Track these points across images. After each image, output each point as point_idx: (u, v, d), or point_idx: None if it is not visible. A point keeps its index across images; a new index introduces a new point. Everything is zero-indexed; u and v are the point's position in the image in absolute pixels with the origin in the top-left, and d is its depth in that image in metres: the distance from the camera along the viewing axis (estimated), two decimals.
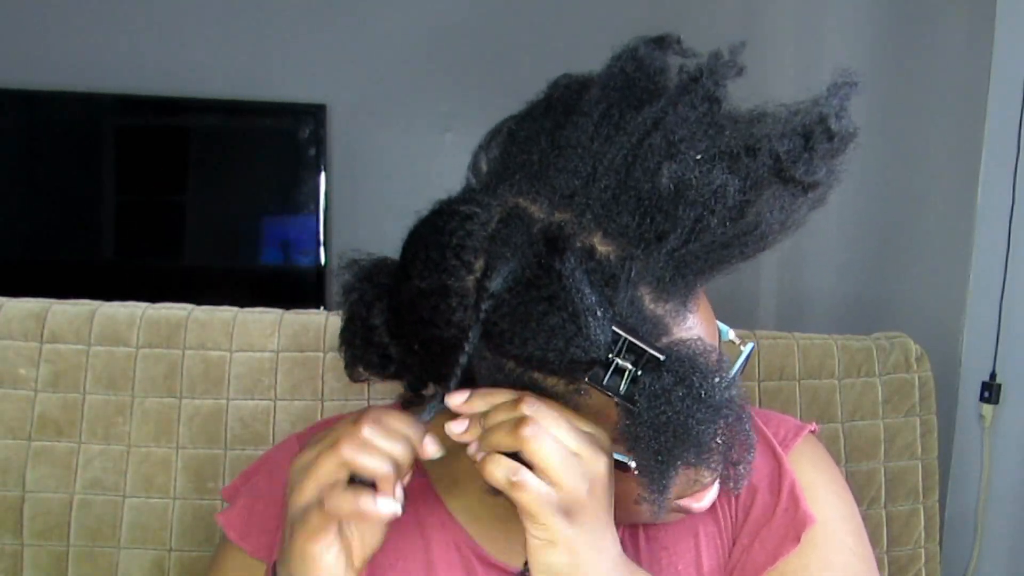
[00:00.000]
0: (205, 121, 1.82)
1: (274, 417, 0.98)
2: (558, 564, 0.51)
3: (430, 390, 0.67)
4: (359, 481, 0.50)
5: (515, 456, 0.50)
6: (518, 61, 1.78)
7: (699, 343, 0.51)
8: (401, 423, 0.52)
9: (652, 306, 0.51)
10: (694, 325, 0.53)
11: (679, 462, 0.51)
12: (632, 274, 0.50)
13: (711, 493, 0.62)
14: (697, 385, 0.49)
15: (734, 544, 0.68)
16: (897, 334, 1.12)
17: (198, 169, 1.83)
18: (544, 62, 1.83)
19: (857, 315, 1.80)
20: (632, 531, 0.67)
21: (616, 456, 0.53)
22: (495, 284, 0.50)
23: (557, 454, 0.49)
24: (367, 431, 0.50)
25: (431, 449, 0.52)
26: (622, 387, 0.49)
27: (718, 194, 0.49)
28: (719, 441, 0.51)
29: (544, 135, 0.54)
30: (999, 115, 1.72)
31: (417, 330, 0.56)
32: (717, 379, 0.50)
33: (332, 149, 1.81)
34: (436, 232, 0.54)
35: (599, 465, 0.51)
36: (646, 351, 0.49)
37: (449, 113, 1.82)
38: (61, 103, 1.76)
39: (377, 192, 1.79)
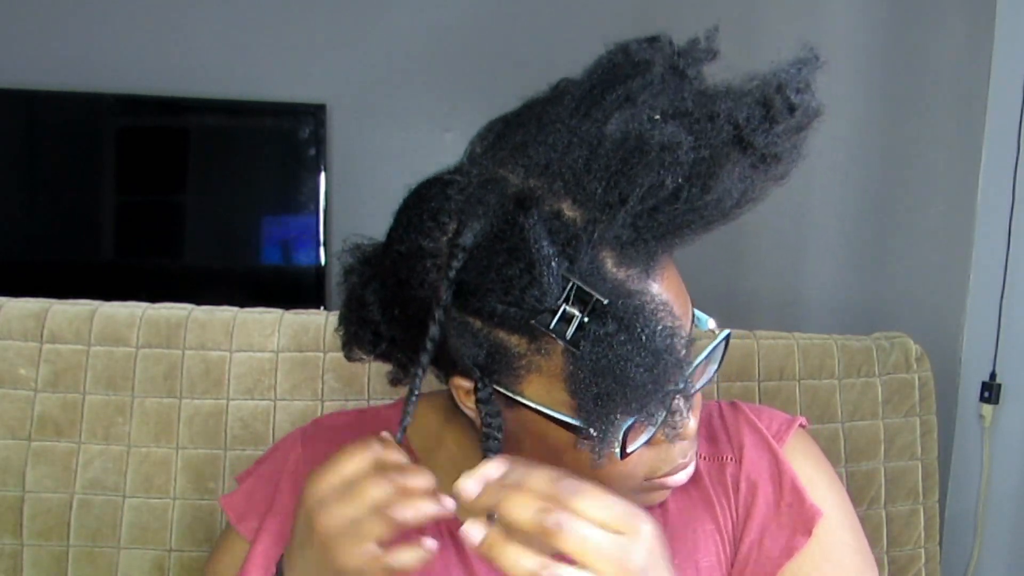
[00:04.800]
0: (205, 121, 1.82)
1: (274, 417, 0.98)
2: None
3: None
4: None
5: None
6: (518, 61, 1.78)
7: (647, 296, 0.52)
8: (413, 480, 0.52)
9: (614, 270, 0.52)
10: (658, 294, 0.53)
11: (619, 408, 0.51)
12: (595, 236, 0.51)
13: (687, 470, 0.62)
14: (639, 331, 0.49)
15: (738, 541, 0.68)
16: (897, 334, 1.12)
17: (198, 169, 1.83)
18: (544, 62, 1.83)
19: (857, 315, 1.80)
20: None
21: (560, 416, 0.54)
22: (465, 239, 0.52)
23: (596, 543, 0.47)
24: (383, 494, 0.51)
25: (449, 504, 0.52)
26: (569, 332, 0.50)
27: (669, 149, 0.49)
28: (658, 387, 0.50)
29: (533, 118, 0.55)
30: (999, 115, 1.72)
31: (396, 294, 0.58)
32: (660, 327, 0.50)
33: (332, 149, 1.81)
34: (419, 199, 0.57)
35: (643, 539, 0.49)
36: (593, 296, 0.49)
37: (449, 113, 1.81)
38: (61, 103, 1.75)
39: (377, 192, 1.78)
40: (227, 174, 1.84)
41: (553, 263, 0.50)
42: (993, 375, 1.69)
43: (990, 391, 1.69)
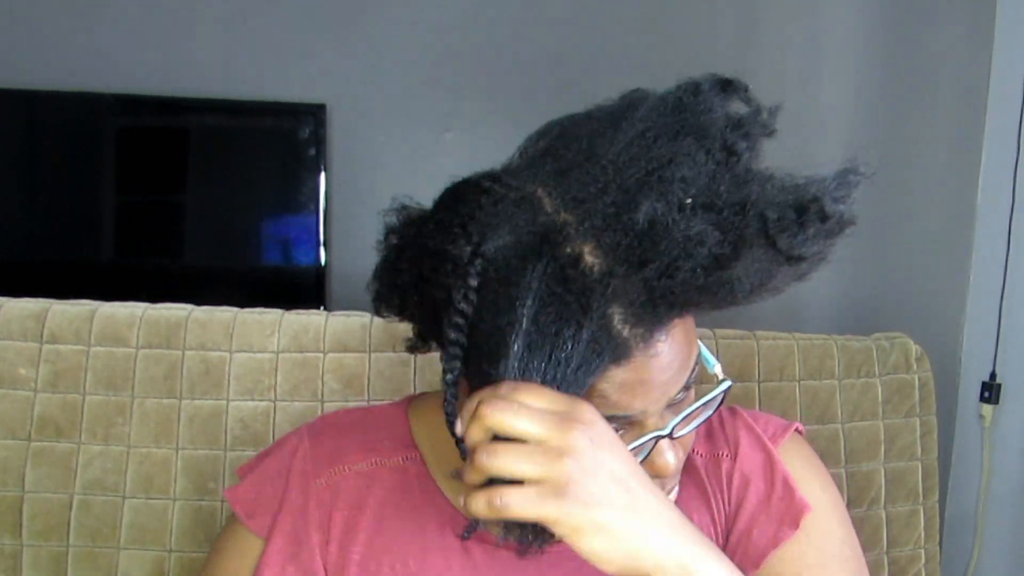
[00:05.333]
0: (205, 121, 1.81)
1: (274, 418, 0.98)
2: (601, 548, 0.51)
3: (434, 349, 0.68)
4: None
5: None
6: (518, 62, 1.78)
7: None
8: None
9: (620, 326, 0.52)
10: (659, 353, 0.55)
11: None
12: (608, 290, 0.51)
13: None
14: None
15: (729, 531, 0.70)
16: (897, 334, 1.12)
17: (198, 169, 1.83)
18: (545, 62, 1.83)
19: (857, 315, 1.80)
20: None
21: None
22: (486, 250, 0.52)
23: (518, 459, 0.50)
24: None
25: None
26: None
27: (694, 242, 0.50)
28: None
29: (585, 139, 0.56)
30: (999, 115, 1.72)
31: (418, 284, 0.59)
32: None
33: (332, 149, 1.81)
34: (456, 199, 0.57)
35: (573, 437, 0.51)
36: None
37: (449, 113, 1.81)
38: (61, 103, 1.75)
39: (377, 192, 1.77)
40: (227, 174, 1.84)
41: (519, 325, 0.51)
42: (993, 375, 1.69)
43: (990, 391, 1.69)
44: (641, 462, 0.59)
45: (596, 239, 0.52)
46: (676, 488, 0.65)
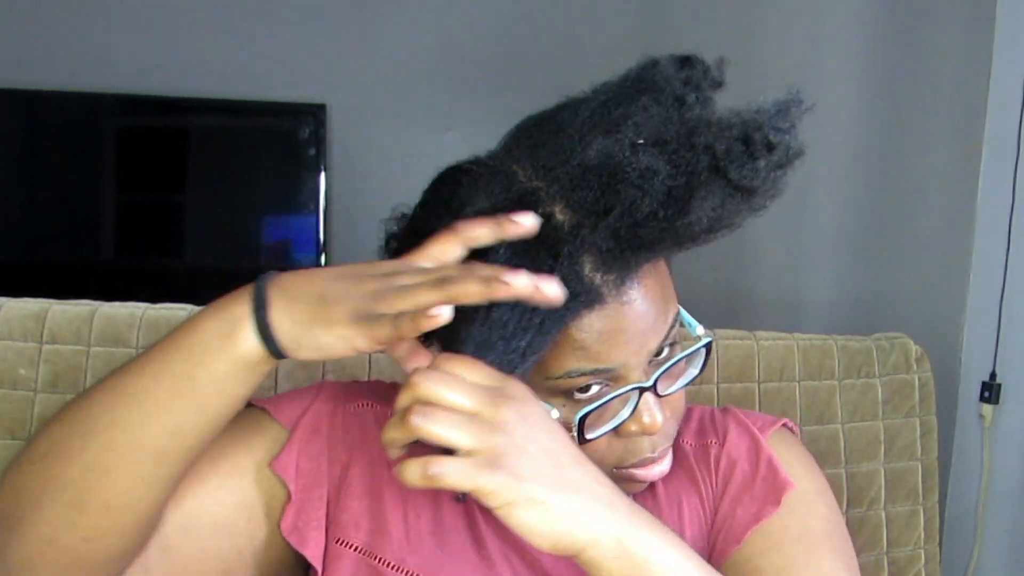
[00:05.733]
0: (205, 121, 1.82)
1: None
2: (534, 522, 0.51)
3: (432, 344, 0.68)
4: None
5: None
6: (518, 61, 1.78)
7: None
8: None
9: (591, 274, 0.57)
10: (632, 300, 0.58)
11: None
12: (577, 240, 0.55)
13: (659, 466, 0.65)
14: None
15: (716, 514, 0.71)
16: (897, 334, 1.12)
17: (198, 169, 1.83)
18: (544, 61, 1.82)
19: (857, 315, 1.80)
20: None
21: None
22: (465, 214, 0.57)
23: (452, 426, 0.50)
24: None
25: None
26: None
27: (646, 176, 0.54)
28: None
29: (555, 120, 0.60)
30: (999, 115, 1.72)
31: None
32: None
33: (332, 149, 1.81)
34: (439, 183, 0.63)
35: (505, 412, 0.52)
36: None
37: (449, 113, 1.81)
38: (61, 103, 1.75)
39: (377, 192, 1.77)
40: (227, 174, 1.84)
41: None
42: (993, 375, 1.69)
43: (990, 391, 1.69)
44: (628, 416, 0.61)
45: (565, 199, 0.56)
46: (669, 455, 0.66)
